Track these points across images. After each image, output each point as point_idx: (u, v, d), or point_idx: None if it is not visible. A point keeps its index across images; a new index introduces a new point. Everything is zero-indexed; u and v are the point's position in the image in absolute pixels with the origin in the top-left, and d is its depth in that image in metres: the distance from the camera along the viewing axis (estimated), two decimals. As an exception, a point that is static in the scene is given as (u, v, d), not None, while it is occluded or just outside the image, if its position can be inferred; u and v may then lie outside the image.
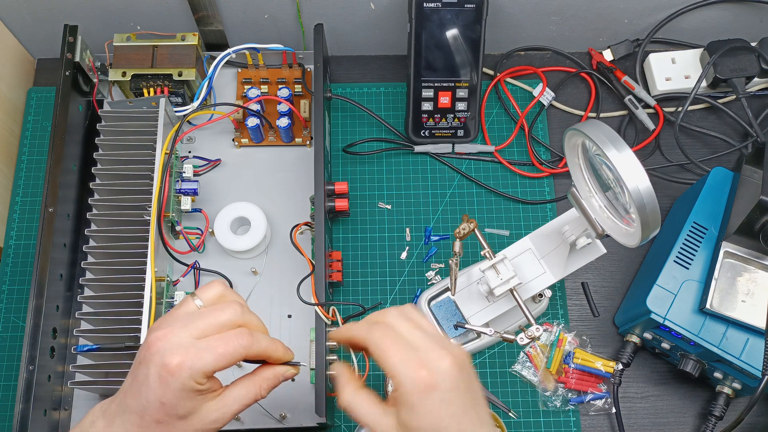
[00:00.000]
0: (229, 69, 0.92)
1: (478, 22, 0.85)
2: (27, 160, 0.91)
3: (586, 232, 0.66)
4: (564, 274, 0.70)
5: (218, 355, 0.51)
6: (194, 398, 0.51)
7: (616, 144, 0.54)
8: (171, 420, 0.51)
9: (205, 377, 0.51)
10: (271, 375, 0.56)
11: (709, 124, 0.95)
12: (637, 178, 0.53)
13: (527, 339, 0.66)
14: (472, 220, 0.70)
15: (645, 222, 0.54)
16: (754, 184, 0.74)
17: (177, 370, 0.49)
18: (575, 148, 0.63)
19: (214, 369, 0.51)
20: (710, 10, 0.93)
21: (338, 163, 0.92)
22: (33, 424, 0.70)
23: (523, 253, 0.72)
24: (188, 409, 0.51)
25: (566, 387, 0.81)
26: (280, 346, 0.57)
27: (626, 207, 0.58)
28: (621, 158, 0.54)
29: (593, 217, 0.63)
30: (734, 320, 0.73)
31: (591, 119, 0.58)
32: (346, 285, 0.86)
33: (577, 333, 0.84)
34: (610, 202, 0.63)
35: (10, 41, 0.93)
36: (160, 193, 0.77)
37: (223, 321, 0.53)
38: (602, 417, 0.81)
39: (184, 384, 0.50)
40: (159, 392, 0.50)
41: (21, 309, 0.84)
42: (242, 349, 0.52)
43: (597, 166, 0.61)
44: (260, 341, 0.54)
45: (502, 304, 0.73)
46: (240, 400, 0.54)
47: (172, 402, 0.50)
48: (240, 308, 0.54)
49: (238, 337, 0.52)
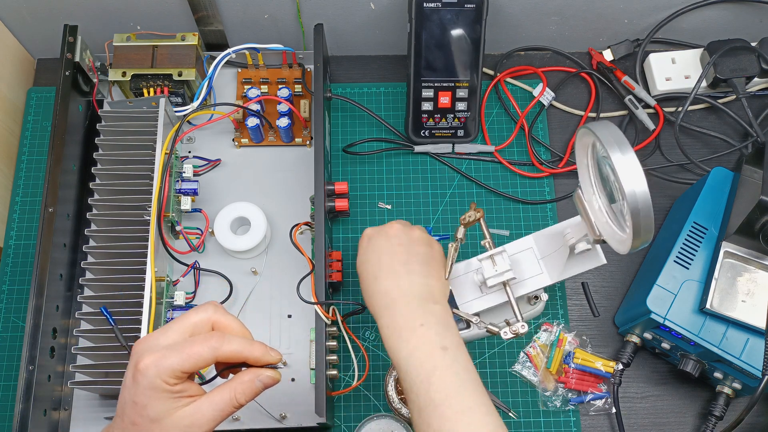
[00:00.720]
0: (229, 69, 0.92)
1: (478, 22, 0.85)
2: (27, 160, 0.91)
3: (586, 237, 0.66)
4: (560, 278, 0.70)
5: (185, 355, 0.52)
6: (165, 400, 0.52)
7: (621, 146, 0.54)
8: (144, 422, 0.52)
9: (172, 377, 0.52)
10: (246, 379, 0.56)
11: (709, 124, 0.95)
12: (635, 182, 0.53)
13: (511, 334, 0.66)
14: (479, 209, 0.70)
15: (637, 228, 0.54)
16: (754, 184, 0.74)
17: (145, 369, 0.51)
18: (585, 148, 0.63)
19: (181, 368, 0.52)
20: (710, 10, 0.93)
21: (338, 163, 0.92)
22: (33, 424, 0.70)
23: (524, 250, 0.72)
24: (159, 412, 0.52)
25: (566, 387, 0.81)
26: (258, 348, 0.56)
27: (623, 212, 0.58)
28: (623, 160, 0.53)
29: (592, 220, 0.63)
30: (734, 320, 0.73)
31: (603, 120, 0.58)
32: (346, 285, 0.86)
33: (577, 333, 0.84)
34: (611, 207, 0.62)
35: (10, 41, 0.93)
36: (160, 193, 0.77)
37: (194, 321, 0.55)
38: (602, 417, 0.81)
39: (151, 382, 0.51)
40: (132, 392, 0.52)
41: (21, 309, 0.84)
42: (210, 350, 0.53)
43: (602, 168, 0.61)
44: (231, 342, 0.54)
45: (494, 297, 0.72)
46: (215, 405, 0.54)
47: (143, 401, 0.51)
48: (213, 308, 0.56)
49: (206, 338, 0.53)
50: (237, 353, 0.54)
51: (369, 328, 0.84)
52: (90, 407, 0.77)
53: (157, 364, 0.51)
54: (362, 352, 0.82)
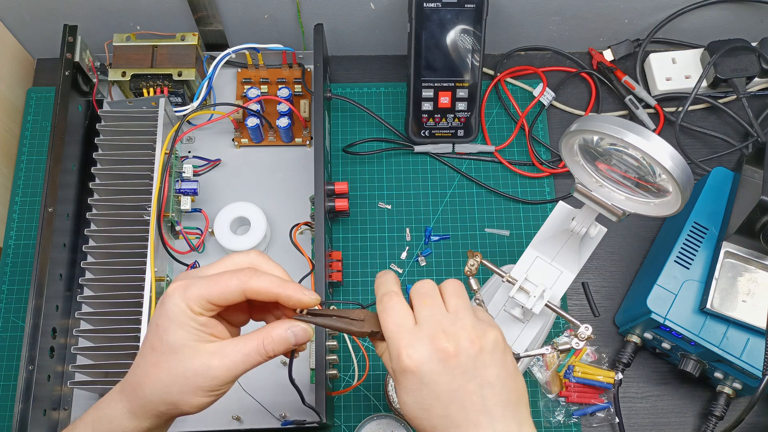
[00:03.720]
0: (229, 69, 0.92)
1: (478, 22, 0.85)
2: (26, 160, 0.91)
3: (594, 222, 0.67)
4: (580, 266, 0.71)
5: (212, 283, 0.49)
6: (186, 328, 0.49)
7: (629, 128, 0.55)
8: (163, 348, 0.49)
9: (197, 304, 0.49)
10: (277, 328, 0.51)
11: (710, 124, 0.95)
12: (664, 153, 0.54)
13: (582, 341, 0.65)
14: (476, 253, 0.70)
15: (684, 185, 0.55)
16: (754, 184, 0.74)
17: (172, 292, 0.49)
18: (572, 149, 0.63)
19: (207, 297, 0.49)
20: (711, 10, 0.93)
21: (338, 163, 0.92)
22: (32, 424, 0.70)
23: (533, 263, 0.72)
24: (178, 339, 0.49)
25: (568, 401, 0.80)
26: (292, 286, 0.51)
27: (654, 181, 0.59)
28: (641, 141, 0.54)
29: (610, 204, 0.63)
30: (735, 320, 0.73)
31: (587, 116, 0.59)
32: (346, 285, 0.86)
33: (598, 349, 0.83)
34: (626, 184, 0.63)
35: (10, 41, 0.93)
36: (159, 193, 0.77)
37: (236, 261, 0.52)
38: (605, 428, 0.81)
39: (175, 305, 0.49)
40: (156, 314, 0.50)
41: (20, 309, 0.84)
42: (238, 282, 0.49)
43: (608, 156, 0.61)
44: (262, 278, 0.50)
45: (537, 321, 0.73)
46: (239, 348, 0.50)
47: (164, 324, 0.49)
48: (255, 252, 0.53)
49: (237, 271, 0.50)
50: (267, 290, 0.50)
51: (369, 328, 0.84)
52: (89, 407, 0.77)
53: (184, 288, 0.49)
54: (362, 352, 0.82)
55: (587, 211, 0.67)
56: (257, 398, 0.76)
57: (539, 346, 0.76)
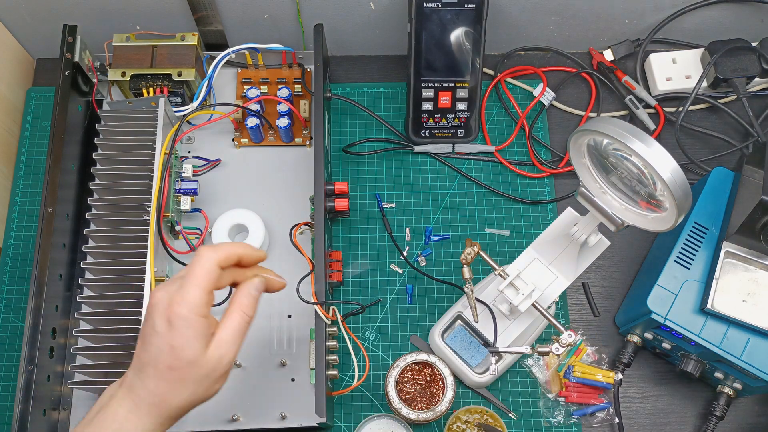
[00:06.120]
0: (229, 69, 0.92)
1: (478, 22, 0.85)
2: (26, 160, 0.91)
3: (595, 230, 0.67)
4: (576, 275, 0.70)
5: (196, 279, 0.53)
6: (200, 337, 0.52)
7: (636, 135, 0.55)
8: (182, 365, 0.52)
9: (204, 305, 0.53)
10: (244, 300, 0.57)
11: (710, 124, 0.95)
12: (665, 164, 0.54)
13: (562, 348, 0.66)
14: (475, 243, 0.70)
15: (681, 203, 0.56)
16: (754, 184, 0.74)
17: (178, 309, 0.52)
18: (581, 149, 0.63)
19: (204, 293, 0.53)
20: (711, 10, 0.92)
21: (338, 163, 0.92)
22: (32, 424, 0.69)
23: (530, 264, 0.72)
24: (195, 351, 0.52)
25: (568, 401, 0.80)
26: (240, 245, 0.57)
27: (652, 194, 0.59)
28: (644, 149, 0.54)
29: (610, 212, 0.63)
30: (735, 320, 0.73)
31: (600, 117, 0.59)
32: (346, 285, 0.86)
33: (599, 350, 0.83)
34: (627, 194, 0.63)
35: (10, 41, 0.93)
36: (159, 193, 0.77)
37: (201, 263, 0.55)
38: (605, 428, 0.81)
39: (188, 320, 0.52)
40: (168, 336, 0.52)
41: (20, 309, 0.84)
42: (210, 261, 0.54)
43: (614, 162, 0.61)
44: (221, 246, 0.56)
45: (523, 320, 0.73)
46: (234, 329, 0.55)
47: (181, 343, 0.52)
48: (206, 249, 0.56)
49: (198, 257, 0.54)
50: (230, 253, 0.56)
51: (369, 328, 0.84)
52: (89, 407, 0.77)
53: (182, 300, 0.52)
54: (362, 352, 0.82)
55: (589, 219, 0.67)
56: (256, 398, 0.76)
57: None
